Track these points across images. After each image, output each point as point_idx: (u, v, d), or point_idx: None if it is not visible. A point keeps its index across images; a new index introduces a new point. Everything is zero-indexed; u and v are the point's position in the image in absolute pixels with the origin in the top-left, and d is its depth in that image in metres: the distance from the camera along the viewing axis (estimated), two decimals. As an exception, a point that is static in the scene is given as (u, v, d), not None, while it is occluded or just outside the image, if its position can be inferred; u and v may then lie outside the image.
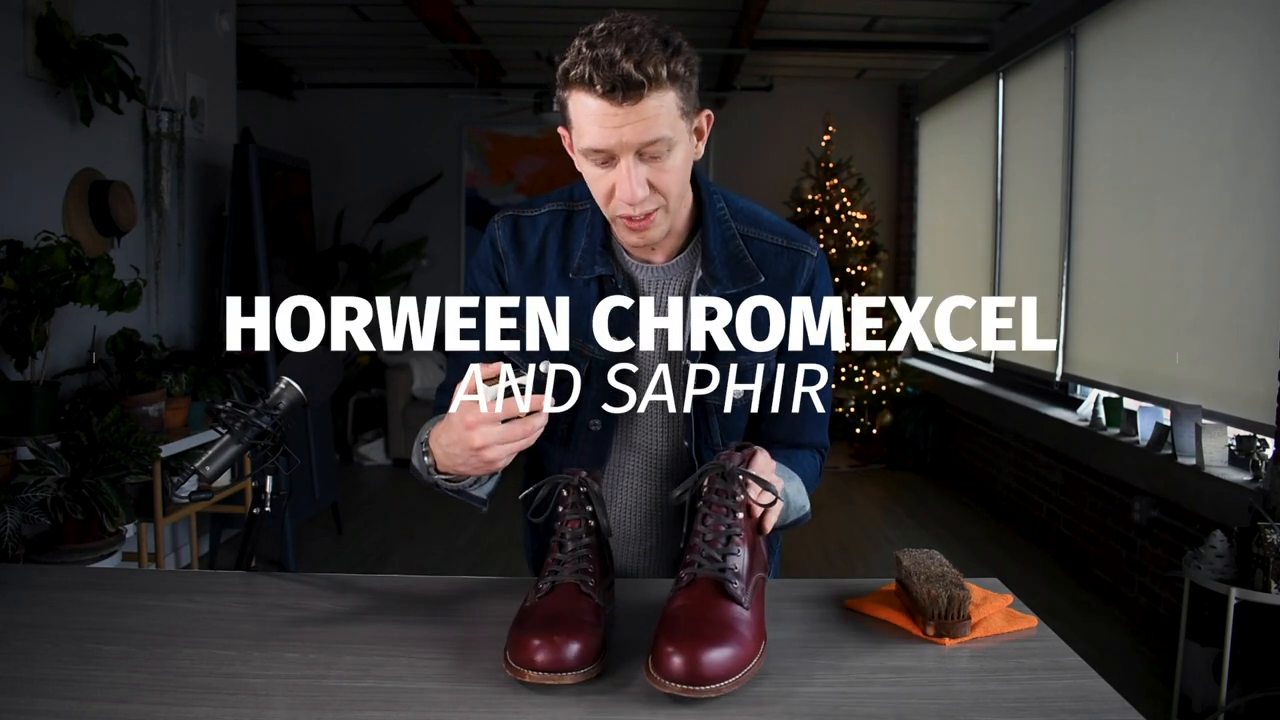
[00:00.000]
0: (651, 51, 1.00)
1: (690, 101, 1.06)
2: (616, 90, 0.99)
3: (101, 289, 2.63)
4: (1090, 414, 3.79)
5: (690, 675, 0.83)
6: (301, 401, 1.20)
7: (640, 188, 1.05)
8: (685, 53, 1.04)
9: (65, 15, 2.87)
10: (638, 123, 1.01)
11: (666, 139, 1.03)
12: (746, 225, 1.21)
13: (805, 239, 1.23)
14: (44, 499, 2.35)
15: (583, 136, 1.05)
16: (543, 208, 1.25)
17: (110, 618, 1.04)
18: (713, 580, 0.94)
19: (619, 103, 1.00)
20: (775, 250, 1.21)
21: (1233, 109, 3.00)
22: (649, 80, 1.00)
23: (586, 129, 1.04)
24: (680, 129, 1.05)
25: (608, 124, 1.02)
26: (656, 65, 1.00)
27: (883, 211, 6.48)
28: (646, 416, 1.24)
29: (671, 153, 1.05)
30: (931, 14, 5.00)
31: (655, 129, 1.02)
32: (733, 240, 1.20)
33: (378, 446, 5.86)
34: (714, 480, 0.99)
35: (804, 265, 1.21)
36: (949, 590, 1.00)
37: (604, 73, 0.99)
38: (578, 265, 1.20)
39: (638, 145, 1.03)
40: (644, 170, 1.05)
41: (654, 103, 1.01)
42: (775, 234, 1.22)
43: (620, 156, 1.04)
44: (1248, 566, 2.30)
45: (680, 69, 1.03)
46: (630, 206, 1.07)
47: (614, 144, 1.03)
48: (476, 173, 6.61)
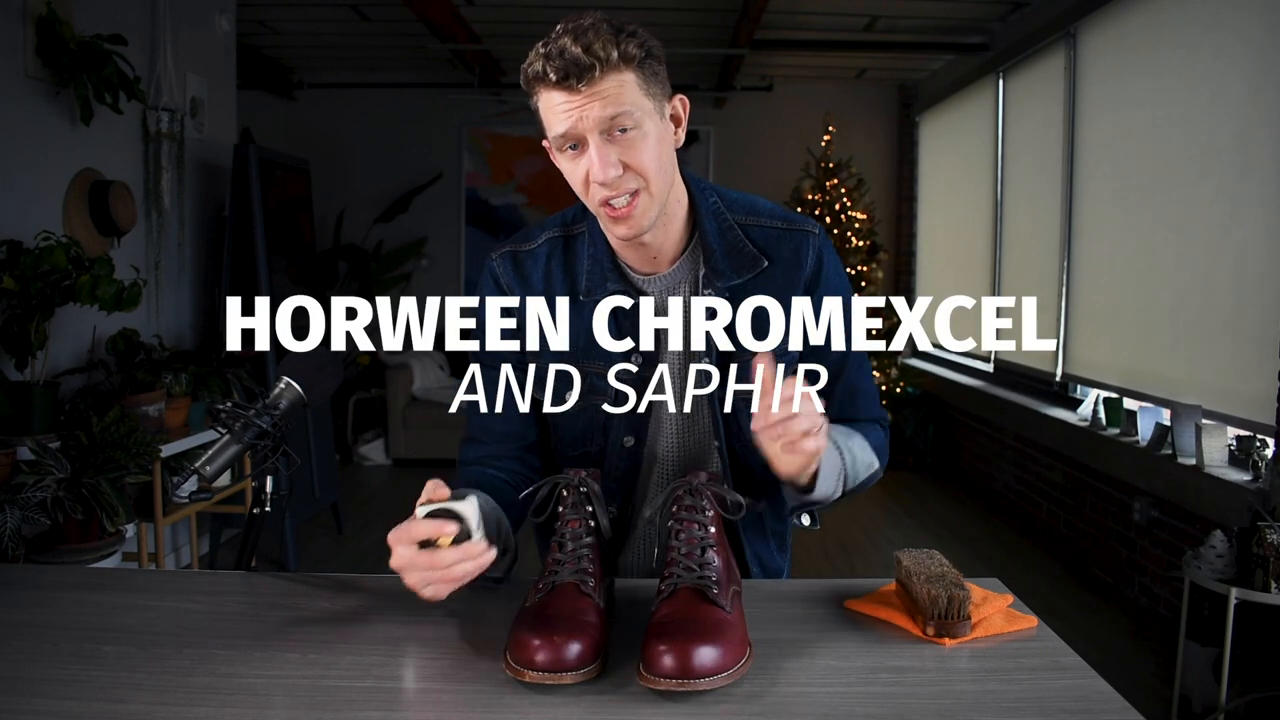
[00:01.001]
0: (599, 34, 1.03)
1: (656, 85, 1.07)
2: (570, 76, 1.02)
3: (101, 289, 2.63)
4: (1090, 414, 3.79)
5: (682, 670, 0.84)
6: (301, 401, 1.20)
7: (612, 167, 1.05)
8: (640, 36, 1.06)
9: (65, 15, 2.87)
10: (595, 101, 1.03)
11: (628, 113, 1.04)
12: (743, 214, 1.21)
13: (805, 219, 1.23)
14: (44, 499, 2.35)
15: (551, 128, 1.07)
16: (538, 239, 1.23)
17: (110, 618, 1.04)
18: (693, 588, 0.95)
19: (574, 88, 1.02)
20: (776, 234, 1.20)
21: (1233, 109, 3.00)
22: (599, 61, 1.02)
23: (552, 121, 1.06)
24: (646, 108, 1.06)
25: (568, 108, 1.04)
26: (605, 46, 1.02)
27: (883, 211, 6.48)
28: (671, 423, 1.23)
29: (640, 129, 1.06)
30: (931, 14, 5.00)
31: (614, 105, 1.03)
32: (730, 231, 1.19)
33: (378, 446, 5.86)
34: (682, 497, 1.02)
35: (808, 244, 1.20)
36: (949, 590, 1.00)
37: (555, 62, 1.02)
38: (587, 287, 1.18)
39: (599, 123, 1.04)
40: (613, 150, 1.05)
41: (610, 83, 1.03)
42: (774, 218, 1.22)
43: (588, 138, 1.05)
44: (1248, 566, 2.30)
45: (633, 50, 1.04)
46: (605, 188, 1.06)
47: (576, 125, 1.04)
48: (476, 173, 6.61)
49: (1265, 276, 2.81)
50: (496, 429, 1.23)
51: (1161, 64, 3.42)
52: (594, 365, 1.20)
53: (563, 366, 1.20)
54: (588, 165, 1.06)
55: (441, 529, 0.92)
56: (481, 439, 1.24)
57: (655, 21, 5.17)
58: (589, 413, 1.21)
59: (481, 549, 0.93)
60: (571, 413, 1.22)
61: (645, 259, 1.18)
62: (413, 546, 0.93)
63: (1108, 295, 3.84)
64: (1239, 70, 2.97)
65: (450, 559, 0.92)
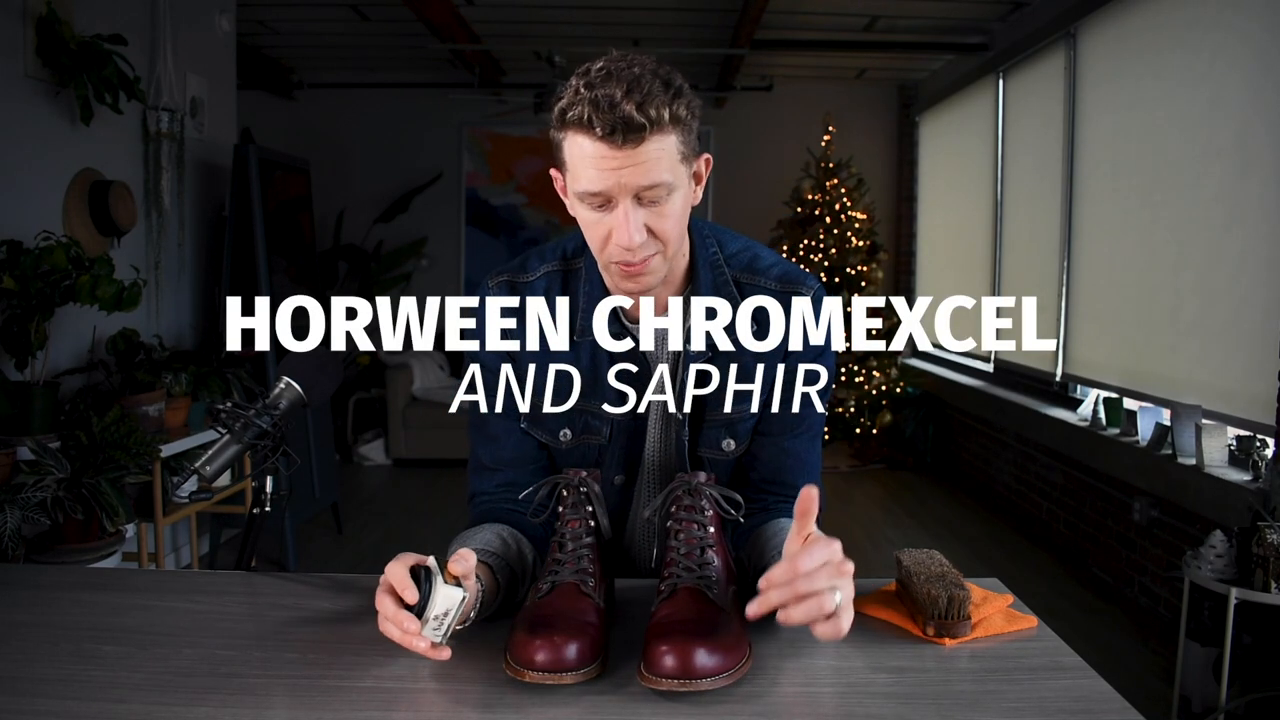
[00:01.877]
0: (654, 93, 0.97)
1: (691, 145, 1.03)
2: (617, 133, 0.96)
3: (101, 289, 2.63)
4: (1090, 414, 3.79)
5: (684, 670, 0.84)
6: (301, 401, 1.20)
7: (638, 232, 1.01)
8: (686, 95, 1.01)
9: (65, 15, 2.87)
10: (637, 165, 0.98)
11: (666, 183, 1.00)
12: (740, 270, 1.18)
13: (802, 279, 1.19)
14: (44, 499, 2.35)
15: (578, 180, 1.01)
16: (537, 271, 1.20)
17: (110, 618, 1.04)
18: (692, 589, 0.96)
19: (619, 146, 0.97)
20: (769, 295, 1.18)
21: (1233, 109, 3.00)
22: (650, 123, 0.96)
23: (583, 172, 1.00)
24: (680, 173, 1.02)
25: (605, 166, 0.98)
26: (659, 108, 0.97)
27: (883, 211, 6.48)
28: (656, 469, 1.24)
29: (671, 197, 1.02)
30: (931, 14, 5.00)
31: (655, 173, 0.99)
32: (725, 286, 1.17)
33: (378, 446, 5.86)
34: (681, 498, 1.02)
35: (798, 305, 1.18)
36: (949, 590, 1.00)
37: (604, 115, 0.96)
38: (582, 326, 1.17)
39: (636, 189, 0.99)
40: (642, 215, 1.01)
41: (654, 146, 0.98)
42: (770, 278, 1.18)
43: (618, 200, 1.01)
44: (1248, 566, 2.29)
45: (682, 111, 1.00)
46: (628, 252, 1.03)
47: (612, 186, 0.99)
48: (476, 173, 6.61)
49: (1265, 276, 2.81)
50: (506, 455, 1.22)
51: (1162, 64, 3.42)
52: (589, 404, 1.19)
53: (559, 410, 1.19)
54: (611, 225, 1.02)
55: (403, 589, 0.89)
56: (494, 467, 1.22)
57: (655, 21, 5.18)
58: (581, 449, 1.21)
59: (414, 631, 0.88)
60: (564, 450, 1.22)
61: (639, 305, 1.17)
62: (392, 593, 0.91)
63: (1108, 295, 3.84)
64: (1239, 70, 2.97)
65: (402, 623, 0.89)
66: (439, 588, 0.90)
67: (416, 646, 0.88)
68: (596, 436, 1.20)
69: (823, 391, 1.21)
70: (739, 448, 1.21)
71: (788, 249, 5.90)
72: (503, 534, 1.10)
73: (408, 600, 0.89)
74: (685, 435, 1.19)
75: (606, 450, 1.20)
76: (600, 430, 1.20)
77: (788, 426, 1.20)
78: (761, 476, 1.21)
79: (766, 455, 1.20)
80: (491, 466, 1.22)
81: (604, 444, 1.20)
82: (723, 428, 1.19)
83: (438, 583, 0.90)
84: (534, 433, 1.21)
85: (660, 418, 1.21)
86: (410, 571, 0.90)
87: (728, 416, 1.19)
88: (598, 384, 1.18)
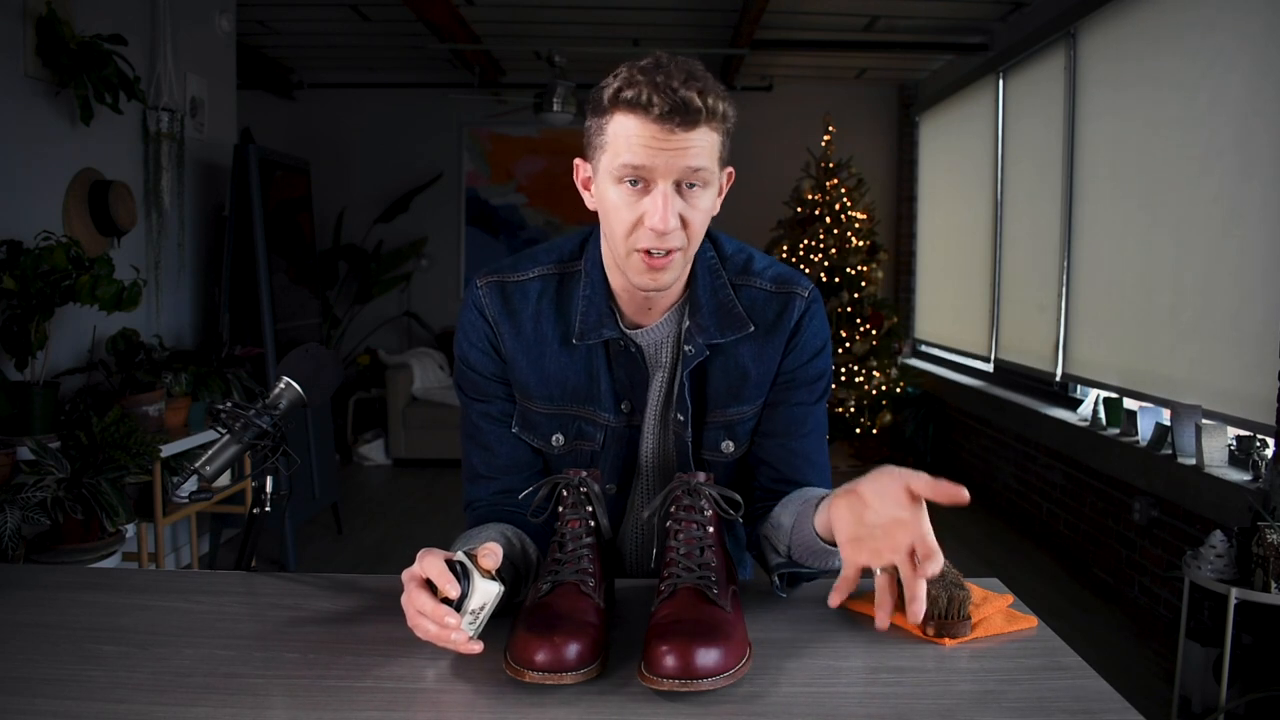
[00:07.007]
0: (712, 86, 1.02)
1: (727, 151, 1.07)
2: (675, 113, 0.99)
3: (101, 289, 2.63)
4: (1090, 414, 3.79)
5: (684, 670, 0.84)
6: (301, 401, 1.20)
7: (674, 218, 1.03)
8: (729, 100, 1.05)
9: (65, 15, 2.87)
10: (685, 149, 1.01)
11: (707, 170, 1.03)
12: (736, 273, 1.19)
13: (796, 280, 1.19)
14: (44, 499, 2.35)
15: (620, 154, 1.02)
16: (530, 271, 1.18)
17: (110, 618, 1.04)
18: (693, 588, 0.96)
19: (672, 129, 1.00)
20: (765, 296, 1.18)
21: (1232, 109, 3.00)
22: (706, 111, 1.00)
23: (628, 147, 1.02)
24: (715, 173, 1.06)
25: (655, 145, 1.00)
26: (716, 99, 1.02)
27: (883, 211, 6.47)
28: (652, 473, 1.24)
29: (706, 190, 1.05)
30: (931, 14, 5.00)
31: (700, 160, 1.02)
32: (723, 289, 1.17)
33: (378, 446, 5.86)
34: (680, 497, 1.02)
35: (794, 306, 1.18)
36: (949, 590, 1.00)
37: (665, 95, 0.99)
38: (580, 330, 1.16)
39: (680, 171, 1.02)
40: (678, 202, 1.03)
41: (703, 136, 1.02)
42: (765, 280, 1.19)
43: (656, 182, 1.02)
44: (1248, 566, 2.30)
45: (730, 112, 1.05)
46: (658, 237, 1.03)
47: (658, 164, 1.01)
48: (476, 173, 6.61)
49: (1265, 277, 2.81)
50: (500, 462, 1.21)
51: (1162, 64, 3.42)
52: (583, 410, 1.19)
53: (550, 411, 1.19)
54: (645, 208, 1.03)
55: (444, 584, 0.89)
56: (488, 475, 1.21)
57: (655, 21, 5.18)
58: (574, 455, 1.21)
59: (455, 625, 0.88)
60: (556, 455, 1.21)
61: (640, 309, 1.17)
62: (425, 588, 0.91)
63: (1108, 295, 3.84)
64: (1239, 71, 2.97)
65: (443, 618, 0.89)
66: (477, 582, 0.90)
67: (454, 641, 0.88)
68: (589, 442, 1.20)
69: (823, 391, 1.21)
70: (738, 449, 1.21)
71: (788, 249, 5.90)
72: (507, 533, 1.10)
73: (449, 595, 0.89)
74: (689, 436, 1.19)
75: (600, 456, 1.20)
76: (594, 436, 1.19)
77: (792, 427, 1.20)
78: (772, 478, 1.21)
79: (775, 457, 1.20)
80: (486, 475, 1.21)
81: (597, 450, 1.20)
82: (722, 430, 1.19)
83: (476, 577, 0.90)
84: (526, 438, 1.21)
85: (658, 422, 1.21)
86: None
87: (727, 419, 1.19)
88: (593, 389, 1.18)
